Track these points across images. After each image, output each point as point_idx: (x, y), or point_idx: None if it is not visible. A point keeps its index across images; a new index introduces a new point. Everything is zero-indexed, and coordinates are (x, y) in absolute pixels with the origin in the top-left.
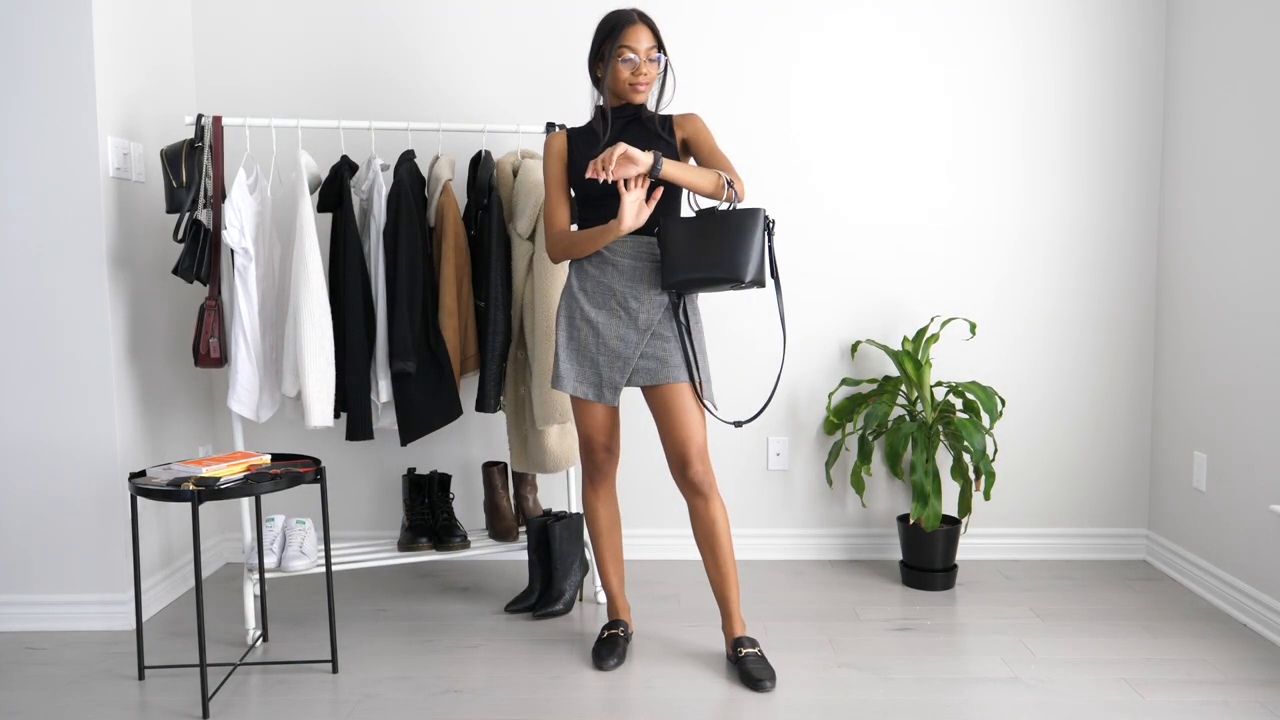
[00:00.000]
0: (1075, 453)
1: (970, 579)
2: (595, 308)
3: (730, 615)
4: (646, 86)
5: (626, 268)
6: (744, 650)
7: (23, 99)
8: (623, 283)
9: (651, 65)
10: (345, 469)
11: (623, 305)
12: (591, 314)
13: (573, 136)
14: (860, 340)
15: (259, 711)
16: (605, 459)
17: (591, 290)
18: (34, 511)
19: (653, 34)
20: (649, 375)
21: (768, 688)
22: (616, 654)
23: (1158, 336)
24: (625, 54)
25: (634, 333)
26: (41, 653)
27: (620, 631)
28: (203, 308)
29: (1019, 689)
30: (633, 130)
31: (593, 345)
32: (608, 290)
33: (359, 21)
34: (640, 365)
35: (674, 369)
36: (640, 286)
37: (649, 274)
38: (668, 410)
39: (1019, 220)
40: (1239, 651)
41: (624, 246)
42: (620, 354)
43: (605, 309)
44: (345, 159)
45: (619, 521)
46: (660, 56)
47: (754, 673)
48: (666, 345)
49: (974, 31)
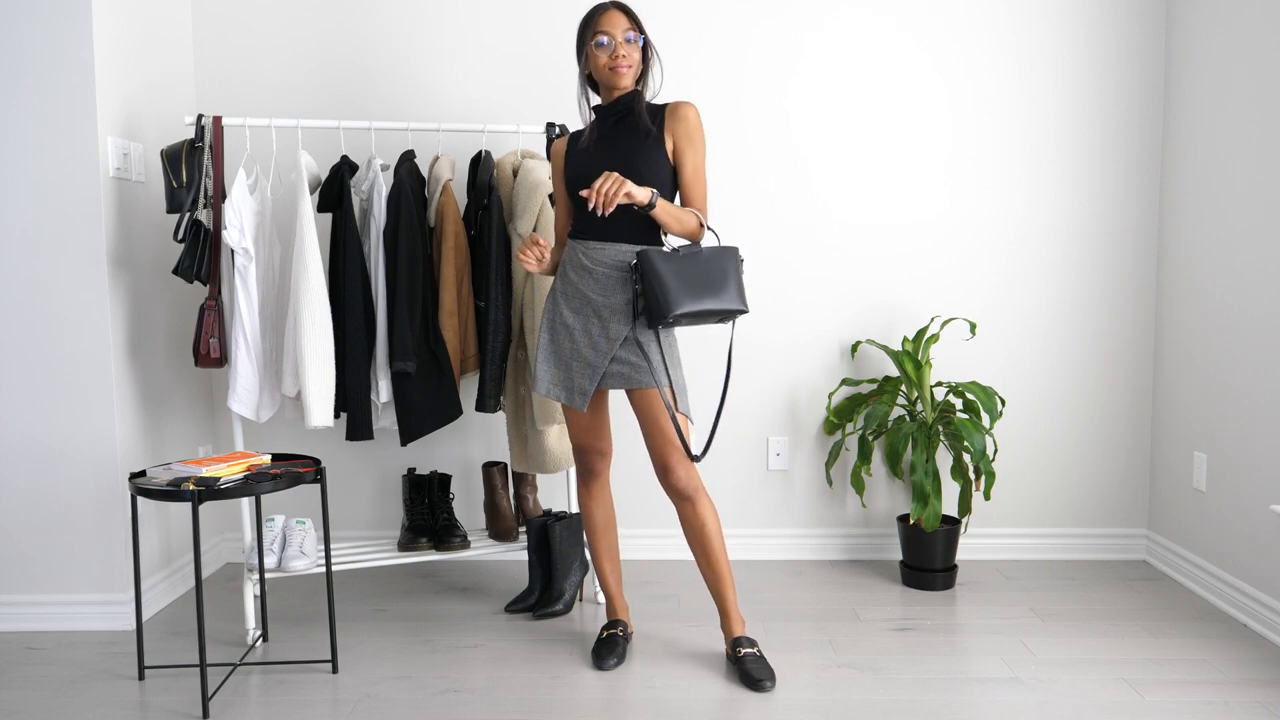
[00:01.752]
0: (1075, 453)
1: (970, 579)
2: (573, 313)
3: (728, 615)
4: (628, 69)
5: (601, 276)
6: (743, 650)
7: (23, 99)
8: (597, 291)
9: (630, 47)
10: (345, 469)
11: (596, 313)
12: (569, 319)
13: (572, 141)
14: (860, 340)
15: (259, 711)
16: (596, 459)
17: (571, 295)
18: (34, 511)
19: (627, 17)
20: (623, 380)
21: (767, 688)
22: (616, 654)
23: (1158, 336)
24: (599, 38)
25: (604, 340)
26: (41, 653)
27: (619, 631)
28: (203, 308)
29: (1019, 689)
30: (621, 129)
31: (567, 350)
32: (584, 298)
33: (359, 21)
34: (612, 370)
35: (646, 375)
36: (613, 297)
37: (621, 284)
38: (646, 415)
39: (1019, 220)
40: (1239, 651)
41: (602, 255)
42: (590, 361)
43: (581, 315)
44: (345, 159)
45: (614, 521)
46: (637, 38)
47: (753, 673)
48: (639, 351)
49: (973, 31)
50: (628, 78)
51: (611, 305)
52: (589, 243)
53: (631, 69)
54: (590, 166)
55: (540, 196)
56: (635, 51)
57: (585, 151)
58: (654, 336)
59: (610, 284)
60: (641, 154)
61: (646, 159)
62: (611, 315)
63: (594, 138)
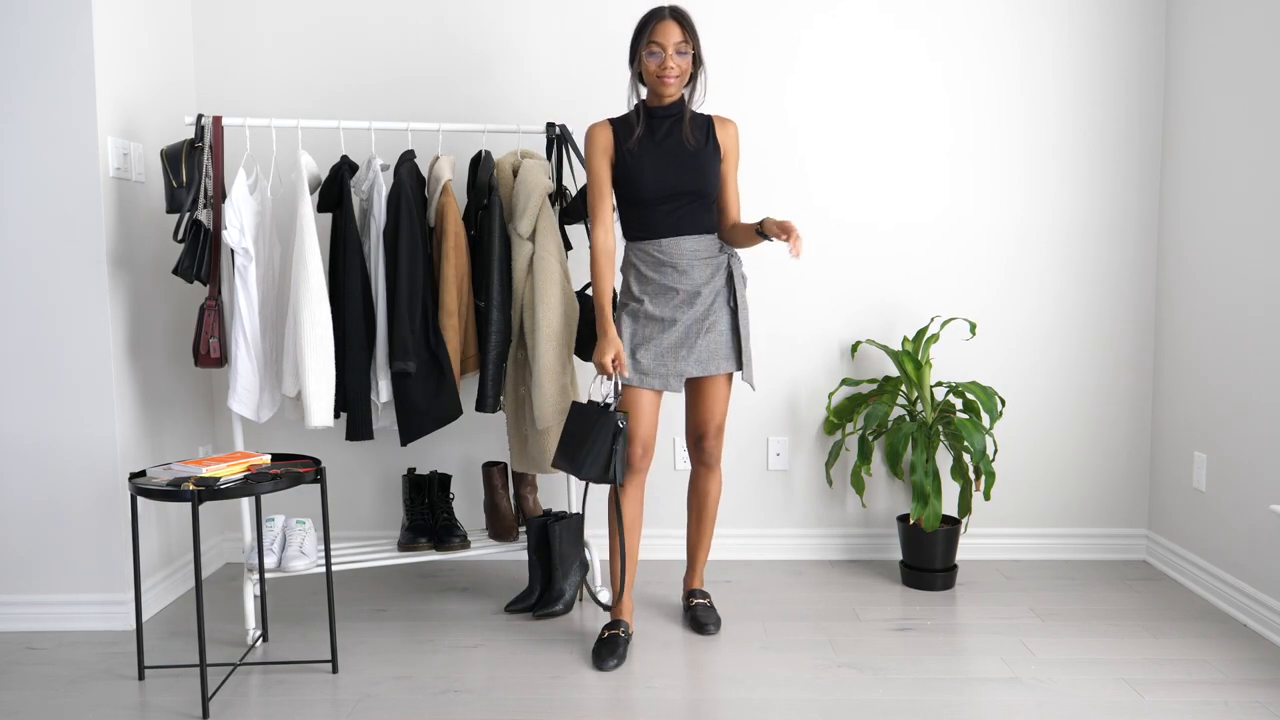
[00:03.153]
0: (1075, 453)
1: (970, 579)
2: (658, 306)
3: (695, 570)
4: (675, 79)
5: (685, 265)
6: (695, 601)
7: (23, 99)
8: (681, 280)
9: (681, 59)
10: (345, 469)
11: (686, 300)
12: (654, 310)
13: (617, 126)
14: (860, 340)
15: (259, 711)
16: (642, 456)
17: (654, 292)
18: (34, 511)
19: (682, 29)
20: (700, 366)
21: (712, 631)
22: (617, 655)
23: (1158, 336)
24: (652, 48)
25: (696, 321)
26: (41, 653)
27: (621, 632)
28: (203, 308)
29: (1019, 689)
30: (678, 133)
31: (657, 338)
32: (668, 289)
33: (359, 21)
34: (696, 355)
35: (724, 360)
36: (702, 280)
37: (709, 269)
38: (702, 393)
39: (1019, 220)
40: (1239, 651)
41: (679, 248)
42: (684, 342)
43: (669, 305)
44: (345, 159)
45: (641, 521)
46: (688, 50)
47: (701, 618)
48: (720, 337)
49: (973, 31)
50: (674, 87)
51: (700, 288)
52: (659, 241)
53: (679, 78)
54: (664, 169)
55: (540, 196)
56: (685, 62)
57: (649, 152)
58: (733, 312)
59: (696, 270)
60: (704, 156)
61: (708, 162)
62: (700, 297)
63: (649, 137)
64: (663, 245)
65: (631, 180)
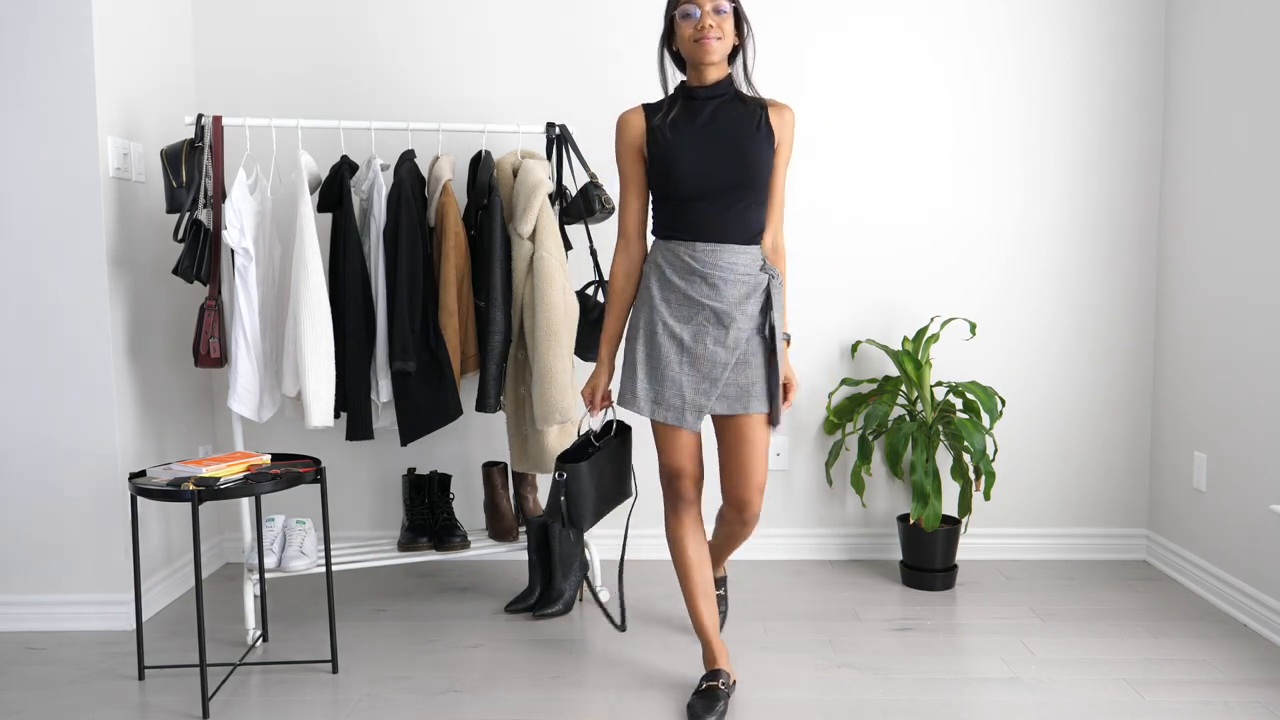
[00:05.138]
0: (1075, 453)
1: (970, 579)
2: (680, 322)
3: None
4: (717, 40)
5: (718, 280)
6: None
7: (23, 99)
8: (713, 296)
9: (721, 19)
10: (345, 469)
11: (713, 321)
12: (676, 328)
13: (650, 113)
14: (860, 340)
15: (259, 711)
16: (690, 486)
17: (677, 303)
18: (34, 511)
19: None
20: (727, 404)
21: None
22: (715, 711)
23: (1158, 336)
24: (686, 8)
25: (723, 351)
26: (41, 653)
27: (720, 684)
28: (203, 308)
29: (1019, 689)
30: (725, 114)
31: (675, 363)
32: (695, 304)
33: (359, 21)
34: (721, 392)
35: (755, 399)
36: (733, 302)
37: (744, 289)
38: (739, 441)
39: (1019, 220)
40: (1239, 651)
41: (716, 259)
42: (708, 375)
43: (692, 324)
44: (345, 159)
45: (709, 555)
46: (729, 7)
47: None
48: (751, 372)
49: (974, 31)
50: (716, 52)
51: (731, 309)
52: (695, 244)
53: (722, 40)
54: (698, 151)
55: (540, 196)
56: (726, 22)
57: (687, 137)
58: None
59: (729, 288)
60: (754, 144)
61: (759, 150)
62: (733, 322)
63: (688, 120)
64: (698, 251)
65: (665, 170)
